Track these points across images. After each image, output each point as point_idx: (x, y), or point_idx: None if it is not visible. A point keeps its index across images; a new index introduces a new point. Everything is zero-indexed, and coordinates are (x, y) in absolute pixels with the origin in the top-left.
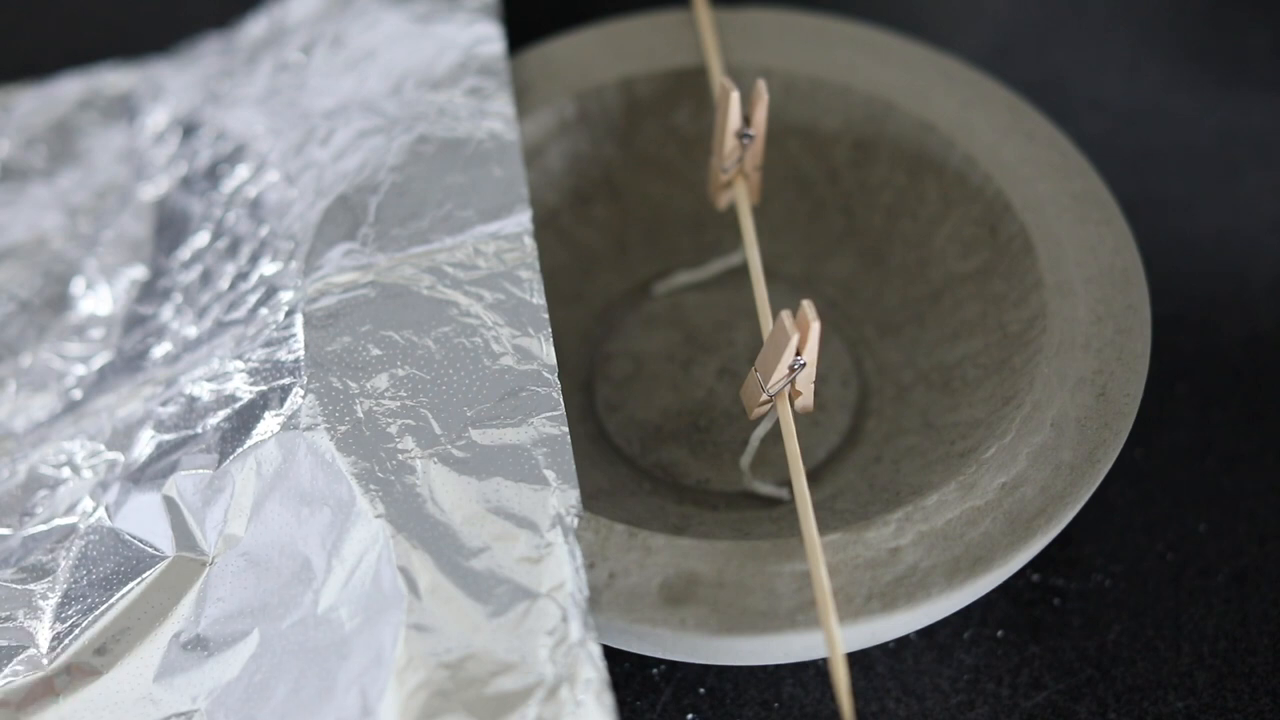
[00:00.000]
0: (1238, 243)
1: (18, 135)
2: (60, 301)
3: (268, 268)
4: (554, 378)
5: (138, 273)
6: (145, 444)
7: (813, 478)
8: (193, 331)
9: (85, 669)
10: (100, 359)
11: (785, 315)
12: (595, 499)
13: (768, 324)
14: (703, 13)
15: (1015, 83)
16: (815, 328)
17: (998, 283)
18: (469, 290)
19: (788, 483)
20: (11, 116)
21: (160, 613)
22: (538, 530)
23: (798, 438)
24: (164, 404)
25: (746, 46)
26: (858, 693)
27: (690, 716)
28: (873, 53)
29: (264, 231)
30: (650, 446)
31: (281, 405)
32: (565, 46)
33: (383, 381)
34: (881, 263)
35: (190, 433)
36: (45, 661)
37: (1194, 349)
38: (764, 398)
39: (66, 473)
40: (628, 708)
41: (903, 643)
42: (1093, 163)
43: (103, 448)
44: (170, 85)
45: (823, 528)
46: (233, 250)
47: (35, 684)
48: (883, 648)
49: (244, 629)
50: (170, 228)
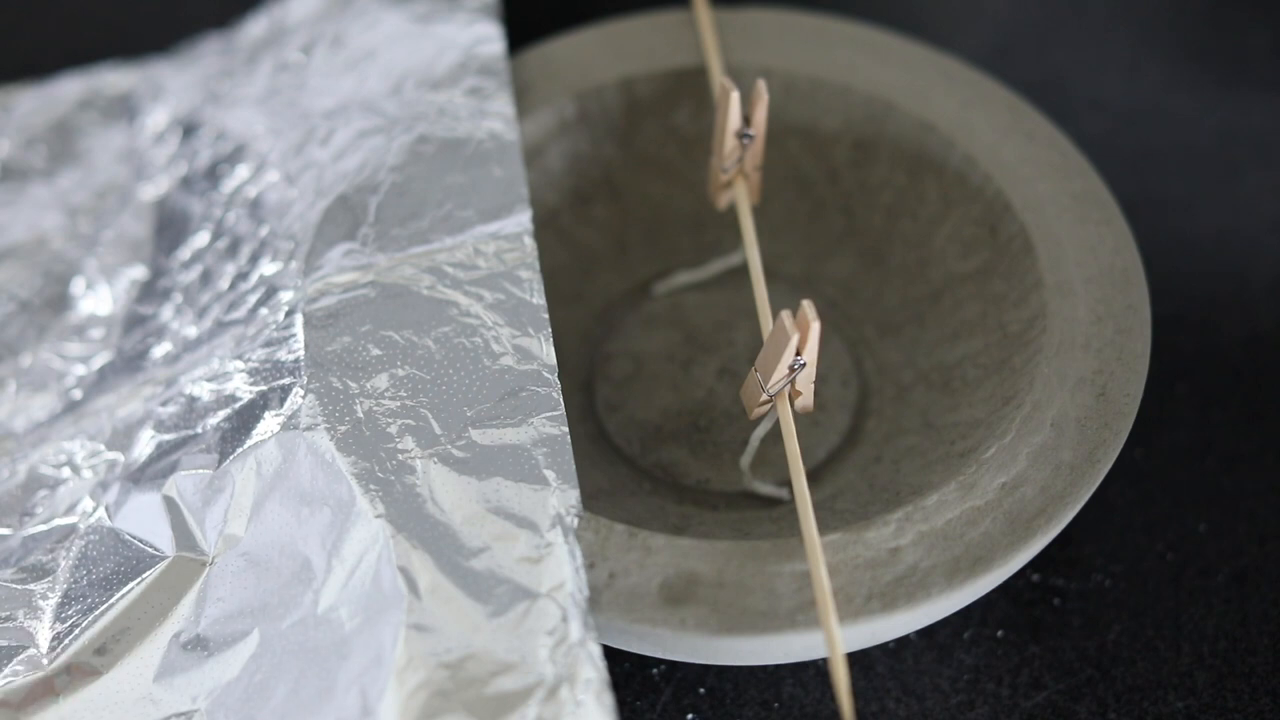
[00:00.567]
0: (1238, 243)
1: (18, 135)
2: (60, 301)
3: (268, 268)
4: (554, 378)
5: (138, 273)
6: (145, 444)
7: (813, 478)
8: (193, 331)
9: (85, 669)
10: (100, 359)
11: (785, 315)
12: (595, 499)
13: (768, 324)
14: (703, 13)
15: (1015, 83)
16: (815, 328)
17: (998, 283)
18: (469, 290)
19: (788, 483)
20: (11, 116)
21: (160, 613)
22: (538, 530)
23: (798, 438)
24: (164, 404)
25: (746, 46)
26: (858, 693)
27: (690, 716)
28: (873, 53)
29: (264, 231)
30: (650, 446)
31: (281, 405)
32: (565, 46)
33: (383, 381)
34: (881, 263)
35: (190, 433)
36: (45, 661)
37: (1194, 349)
38: (764, 398)
39: (66, 473)
40: (628, 708)
41: (903, 643)
42: (1093, 163)
43: (103, 448)
44: (170, 85)
45: (823, 528)
46: (233, 250)
47: (35, 684)
48: (883, 648)
49: (244, 629)
50: (170, 228)
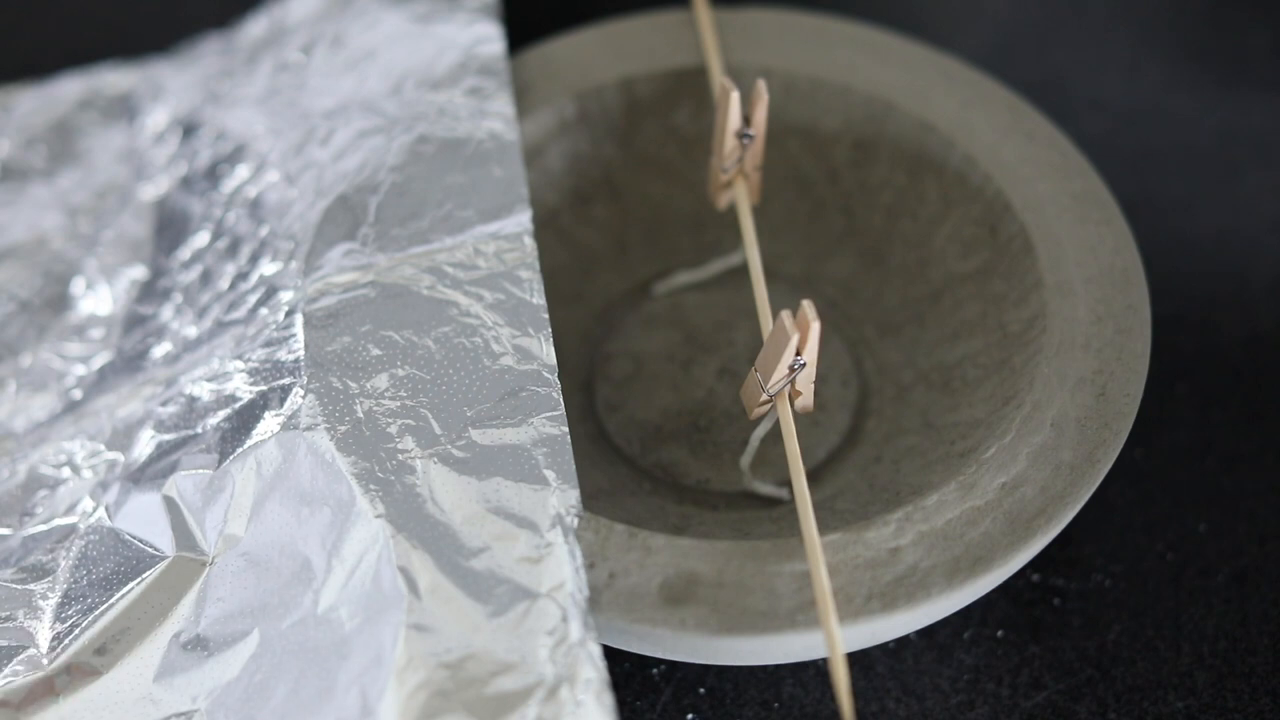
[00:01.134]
0: (1238, 243)
1: (18, 135)
2: (60, 301)
3: (268, 268)
4: (554, 378)
5: (138, 273)
6: (145, 444)
7: (813, 478)
8: (193, 331)
9: (85, 669)
10: (100, 359)
11: (785, 315)
12: (595, 499)
13: (768, 324)
14: (703, 13)
15: (1015, 83)
16: (815, 328)
17: (998, 283)
18: (469, 290)
19: (788, 483)
20: (11, 116)
21: (160, 613)
22: (538, 530)
23: (798, 438)
24: (164, 404)
25: (746, 46)
26: (858, 693)
27: (690, 716)
28: (873, 53)
29: (264, 231)
30: (650, 446)
31: (281, 405)
32: (565, 46)
33: (383, 381)
34: (881, 263)
35: (190, 433)
36: (45, 661)
37: (1194, 349)
38: (764, 398)
39: (66, 473)
40: (628, 708)
41: (903, 643)
42: (1093, 163)
43: (103, 448)
44: (170, 85)
45: (823, 528)
46: (233, 250)
47: (35, 684)
48: (883, 648)
49: (244, 629)
50: (170, 228)
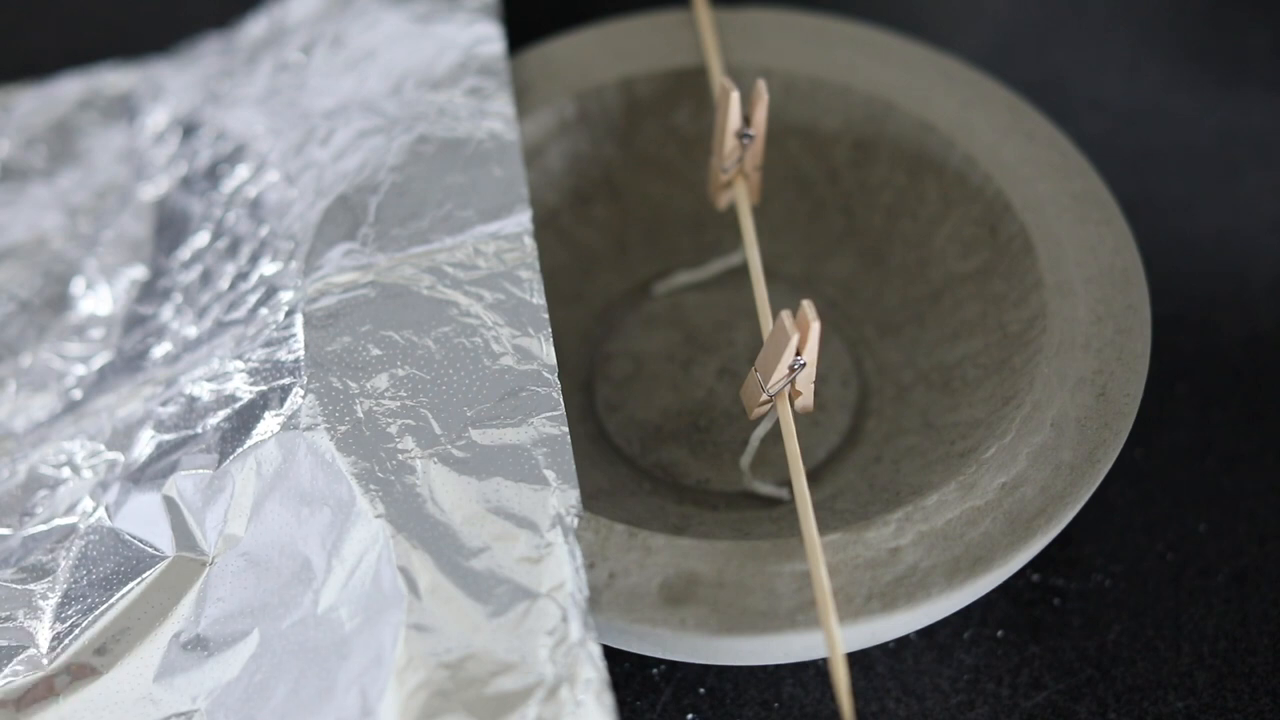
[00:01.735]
0: (1238, 243)
1: (18, 135)
2: (60, 301)
3: (268, 268)
4: (554, 378)
5: (138, 273)
6: (145, 444)
7: (813, 478)
8: (193, 331)
9: (85, 669)
10: (100, 359)
11: (785, 315)
12: (595, 499)
13: (768, 324)
14: (703, 13)
15: (1015, 83)
16: (815, 328)
17: (998, 283)
18: (469, 290)
19: (788, 483)
20: (11, 116)
21: (160, 613)
22: (538, 530)
23: (798, 438)
24: (164, 404)
25: (746, 46)
26: (858, 693)
27: (690, 716)
28: (873, 53)
29: (264, 231)
30: (650, 446)
31: (281, 405)
32: (565, 46)
33: (383, 381)
34: (881, 263)
35: (190, 433)
36: (45, 661)
37: (1194, 349)
38: (764, 398)
39: (66, 473)
40: (628, 708)
41: (903, 643)
42: (1093, 163)
43: (103, 448)
44: (170, 85)
45: (823, 528)
46: (233, 250)
47: (35, 684)
48: (883, 648)
49: (244, 629)
50: (170, 228)
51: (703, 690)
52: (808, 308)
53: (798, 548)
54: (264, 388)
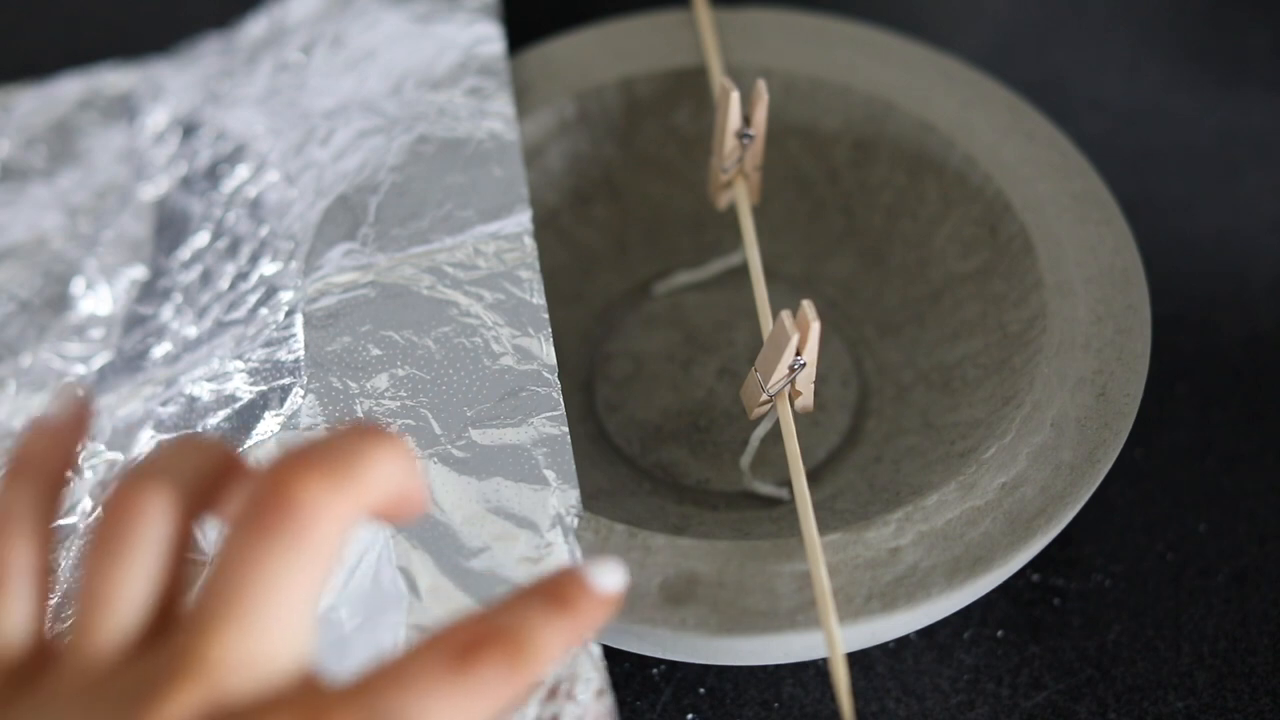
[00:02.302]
0: (1238, 243)
1: (18, 135)
2: (60, 301)
3: (268, 268)
4: (554, 378)
5: (138, 273)
6: (145, 444)
7: (813, 478)
8: (193, 331)
9: None
10: (100, 359)
11: (785, 315)
12: (595, 499)
13: (768, 324)
14: (703, 13)
15: (1015, 83)
16: (815, 328)
17: (998, 283)
18: (469, 290)
19: (788, 483)
20: (11, 116)
21: None
22: (538, 530)
23: (798, 438)
24: (164, 404)
25: (746, 46)
26: (858, 693)
27: (690, 716)
28: (873, 53)
29: (264, 231)
30: (650, 446)
31: (281, 405)
32: (565, 46)
33: (383, 381)
34: (881, 263)
35: (190, 432)
36: None
37: (1194, 349)
38: (764, 398)
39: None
40: (628, 708)
41: (903, 643)
42: (1093, 163)
43: (103, 448)
44: (170, 85)
45: (823, 528)
46: (233, 250)
47: None
48: (883, 648)
49: None
50: (170, 228)
51: (703, 690)
52: (808, 308)
53: (798, 548)
54: (264, 388)
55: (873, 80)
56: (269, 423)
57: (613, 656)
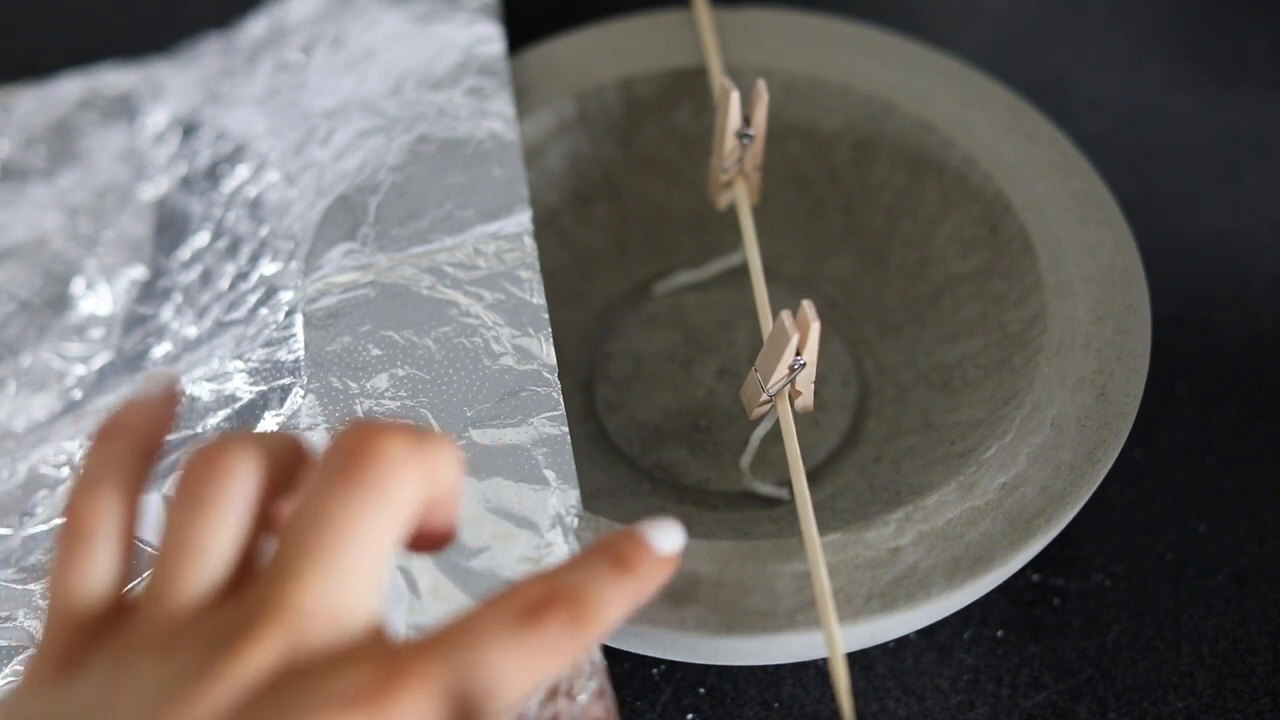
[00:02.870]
0: (1238, 243)
1: (18, 135)
2: (60, 301)
3: (268, 268)
4: (554, 378)
5: (138, 273)
6: None
7: (813, 478)
8: (193, 331)
9: None
10: (100, 359)
11: (785, 315)
12: (595, 499)
13: (768, 324)
14: (703, 13)
15: (1015, 83)
16: (815, 328)
17: (998, 283)
18: (469, 290)
19: (788, 483)
20: (11, 116)
21: None
22: (538, 530)
23: (798, 438)
24: None
25: (746, 46)
26: (858, 693)
27: (690, 716)
28: (873, 53)
29: (264, 231)
30: (650, 446)
31: (281, 405)
32: (565, 46)
33: (383, 381)
34: (881, 263)
35: (190, 433)
36: None
37: (1194, 349)
38: (764, 398)
39: (66, 473)
40: (628, 708)
41: (903, 643)
42: (1093, 163)
43: None
44: (170, 85)
45: (823, 528)
46: (233, 250)
47: None
48: (883, 648)
49: None
50: (170, 228)
51: (703, 690)
52: (808, 308)
53: (798, 548)
54: (264, 388)
55: (873, 80)
56: (269, 423)
57: (613, 656)
